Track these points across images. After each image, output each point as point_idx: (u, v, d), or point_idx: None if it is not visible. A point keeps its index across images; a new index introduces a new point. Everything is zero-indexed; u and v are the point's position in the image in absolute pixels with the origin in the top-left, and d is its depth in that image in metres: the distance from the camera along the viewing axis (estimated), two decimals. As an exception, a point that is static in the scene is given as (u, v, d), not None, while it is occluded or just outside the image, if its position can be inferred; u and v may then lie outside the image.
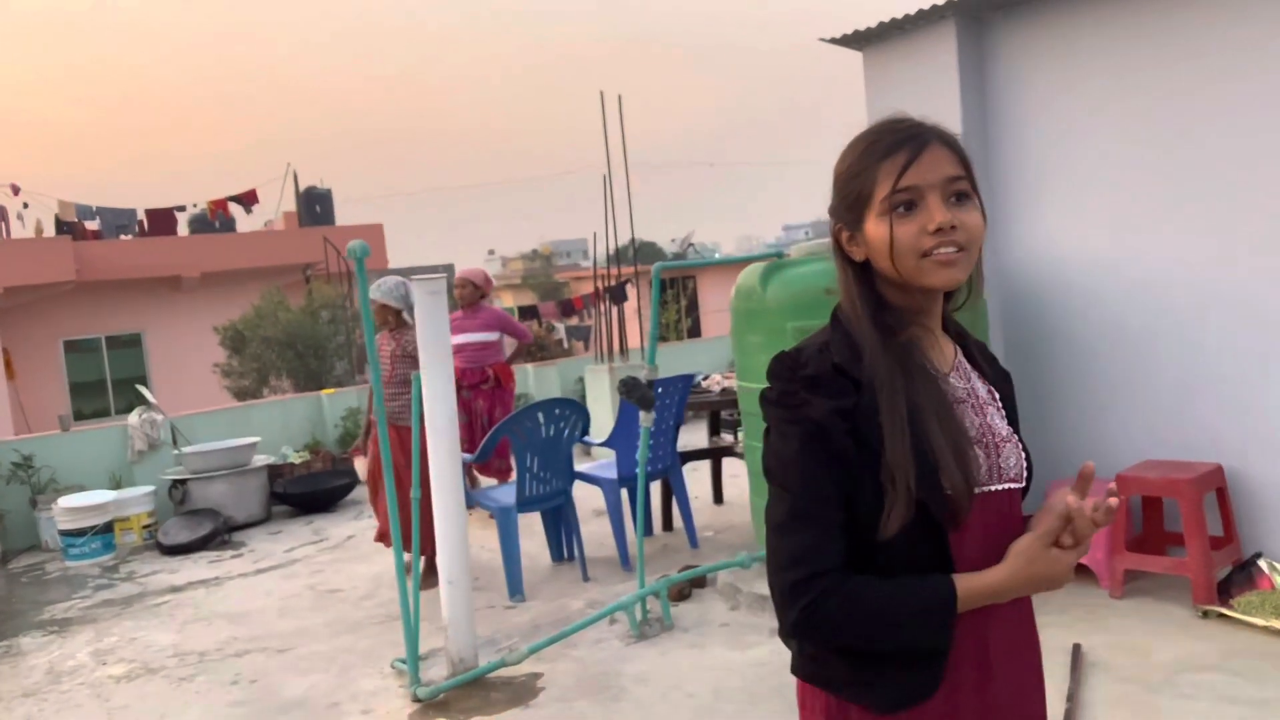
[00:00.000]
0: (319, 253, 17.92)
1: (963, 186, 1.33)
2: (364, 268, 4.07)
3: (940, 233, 1.30)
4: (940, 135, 1.35)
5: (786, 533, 1.31)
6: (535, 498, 5.46)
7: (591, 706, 3.88)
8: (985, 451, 1.36)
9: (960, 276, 1.33)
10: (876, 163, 1.33)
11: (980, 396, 1.42)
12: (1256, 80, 4.22)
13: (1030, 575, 1.30)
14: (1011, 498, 1.39)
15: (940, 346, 1.42)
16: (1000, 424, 1.41)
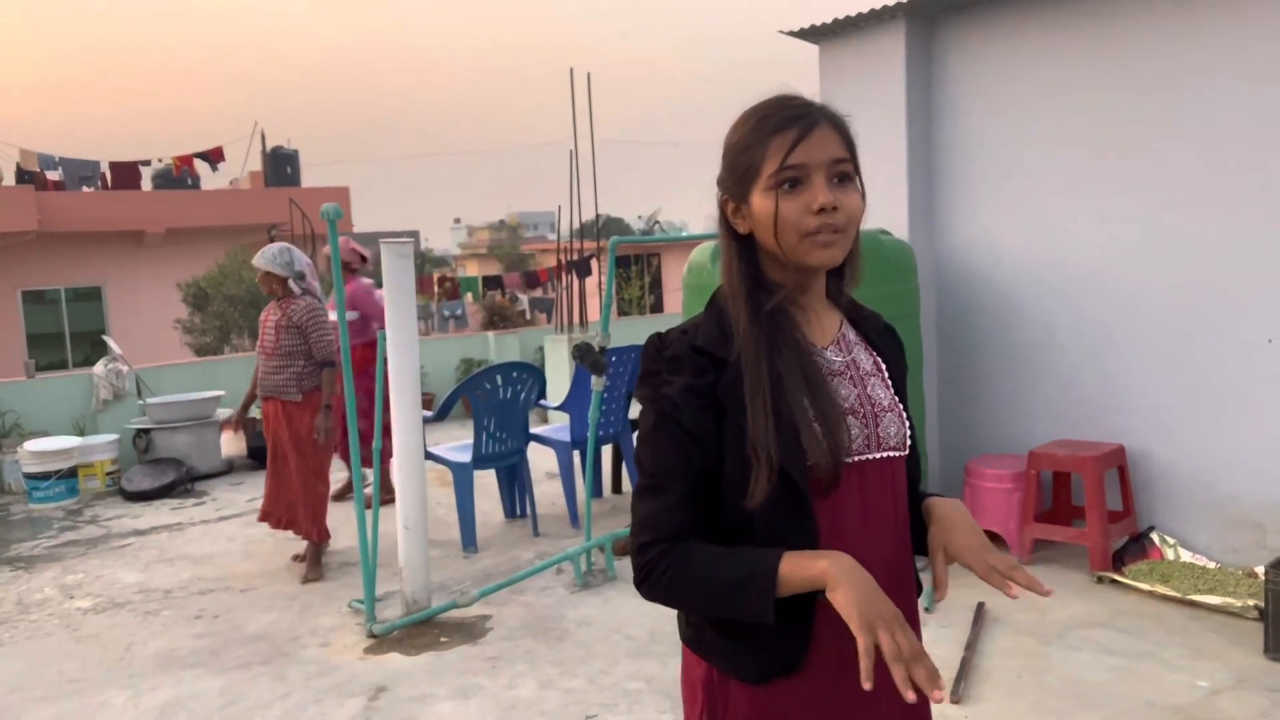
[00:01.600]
0: (284, 213, 17.95)
1: (846, 168, 1.36)
2: (336, 230, 4.30)
3: (823, 213, 1.33)
4: (829, 116, 1.38)
5: (638, 500, 1.40)
6: (491, 456, 5.74)
7: (537, 644, 4.18)
8: (863, 421, 1.41)
9: (838, 257, 1.37)
10: (766, 137, 1.36)
11: (863, 368, 1.46)
12: (1182, 89, 4.57)
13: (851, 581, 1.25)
14: (892, 465, 1.44)
15: (820, 321, 1.46)
16: (882, 394, 1.45)
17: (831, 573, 1.27)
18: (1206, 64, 4.44)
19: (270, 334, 5.21)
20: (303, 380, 5.16)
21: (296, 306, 5.17)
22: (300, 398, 5.15)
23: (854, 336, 1.50)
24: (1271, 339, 4.28)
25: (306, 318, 5.16)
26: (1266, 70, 4.25)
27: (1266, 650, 3.63)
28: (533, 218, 72.80)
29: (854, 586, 1.25)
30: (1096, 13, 4.81)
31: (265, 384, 5.21)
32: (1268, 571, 3.64)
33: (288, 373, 5.17)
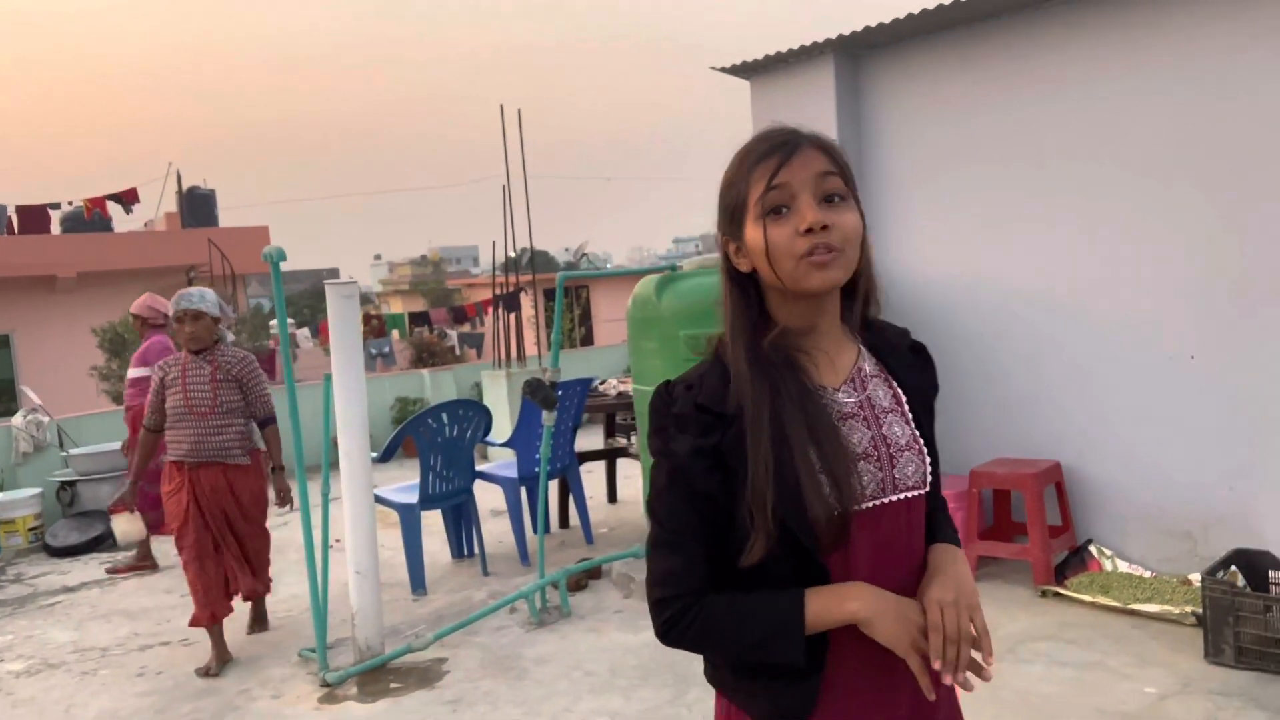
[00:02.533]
0: (203, 254, 17.56)
1: (834, 185, 1.32)
2: (280, 272, 4.24)
3: (811, 233, 1.29)
4: (814, 139, 1.36)
5: (653, 555, 1.39)
6: (438, 495, 5.68)
7: (496, 685, 4.14)
8: (877, 465, 1.36)
9: (837, 277, 1.32)
10: (750, 168, 1.34)
11: (879, 405, 1.40)
12: (1097, 116, 4.79)
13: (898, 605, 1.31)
14: (910, 505, 1.39)
15: (832, 359, 1.40)
16: (900, 431, 1.40)
17: (862, 616, 1.30)
18: (1120, 92, 4.67)
19: (204, 390, 4.60)
20: (244, 440, 4.70)
21: (231, 357, 4.69)
22: (248, 460, 4.70)
23: (871, 368, 1.44)
24: (1194, 355, 4.49)
25: (245, 369, 4.70)
26: (1176, 97, 4.49)
27: (1207, 655, 3.78)
28: (455, 252, 72.45)
29: (885, 618, 1.30)
30: (1011, 46, 5.02)
31: (201, 449, 4.57)
32: (1204, 579, 3.80)
33: (230, 433, 4.63)
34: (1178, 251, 4.54)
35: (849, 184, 1.34)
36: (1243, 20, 4.25)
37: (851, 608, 1.30)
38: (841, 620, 1.31)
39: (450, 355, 18.71)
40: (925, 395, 1.48)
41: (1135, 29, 4.60)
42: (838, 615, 1.31)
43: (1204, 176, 4.42)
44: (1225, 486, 4.43)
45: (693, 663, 4.17)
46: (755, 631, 1.32)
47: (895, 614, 1.30)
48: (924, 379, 1.50)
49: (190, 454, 4.59)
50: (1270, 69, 4.19)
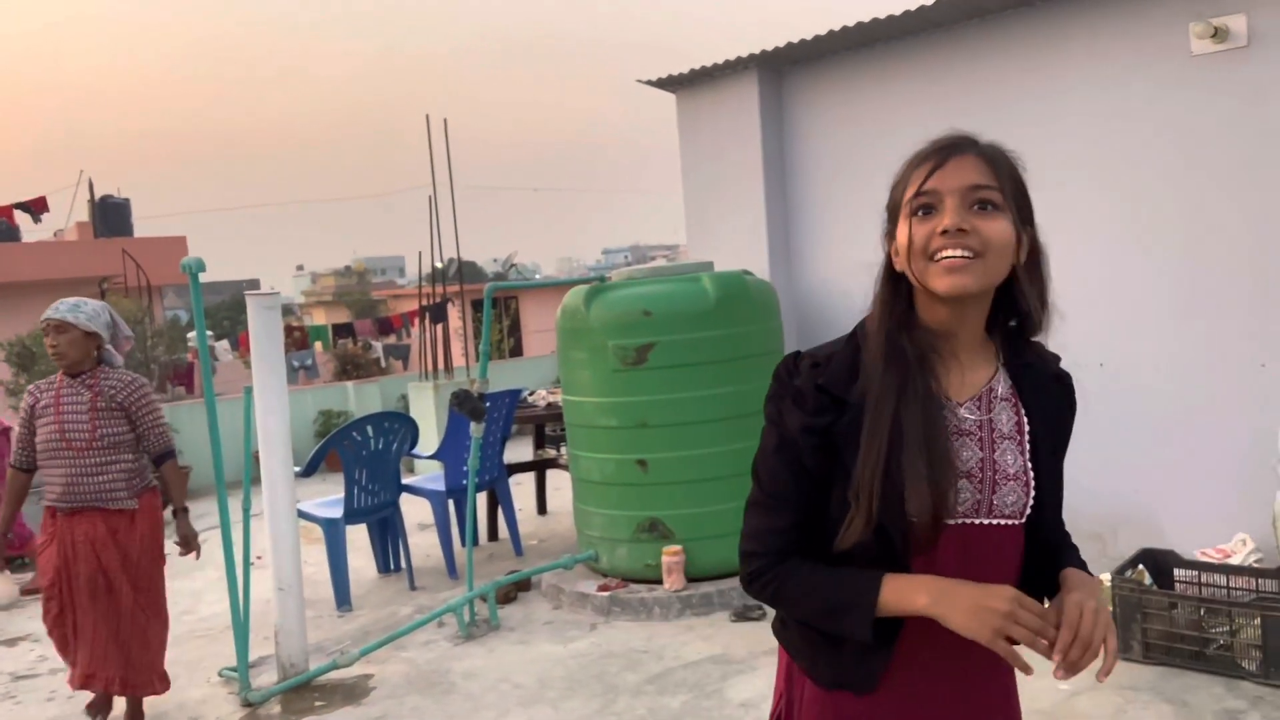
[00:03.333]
0: (117, 265, 17.07)
1: (987, 195, 1.32)
2: (198, 282, 4.16)
3: (947, 235, 1.30)
4: (978, 146, 1.36)
5: (749, 512, 1.46)
6: (363, 509, 5.60)
7: (423, 700, 4.10)
8: (977, 486, 1.37)
9: (967, 283, 1.30)
10: (910, 170, 1.38)
11: (999, 430, 1.40)
12: (1007, 131, 4.95)
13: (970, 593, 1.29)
14: (1002, 533, 1.40)
15: (964, 372, 1.41)
16: (1012, 460, 1.39)
17: (934, 611, 1.30)
18: (1028, 107, 4.84)
19: (81, 420, 3.78)
20: (133, 480, 3.86)
21: (115, 381, 3.85)
22: (135, 504, 3.85)
23: (1004, 390, 1.43)
24: (1102, 363, 4.67)
25: (132, 396, 3.85)
26: (1076, 115, 4.67)
27: (1116, 651, 3.93)
28: (380, 263, 71.45)
29: (960, 611, 1.28)
30: (928, 64, 5.18)
31: (76, 491, 3.77)
32: (1114, 578, 3.95)
33: (113, 472, 3.80)
34: (1085, 262, 4.71)
35: (1011, 197, 1.35)
36: (1137, 44, 4.45)
37: (921, 601, 1.31)
38: (912, 611, 1.32)
39: (375, 367, 18.43)
40: (1059, 428, 1.47)
41: (1037, 52, 4.78)
42: (909, 605, 1.32)
43: (1105, 188, 4.62)
44: (1132, 489, 4.62)
45: (621, 673, 4.19)
46: (830, 600, 1.37)
47: (971, 606, 1.28)
48: (1060, 411, 1.48)
49: (63, 498, 3.78)
50: (1163, 87, 4.39)
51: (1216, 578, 3.93)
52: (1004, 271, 1.34)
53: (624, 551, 5.05)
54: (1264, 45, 4.10)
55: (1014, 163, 1.39)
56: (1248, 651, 3.64)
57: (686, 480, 4.84)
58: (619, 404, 4.95)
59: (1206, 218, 4.35)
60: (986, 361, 1.43)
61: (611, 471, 5.04)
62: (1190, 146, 4.37)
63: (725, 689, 3.95)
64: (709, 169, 6.08)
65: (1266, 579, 3.83)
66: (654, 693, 3.97)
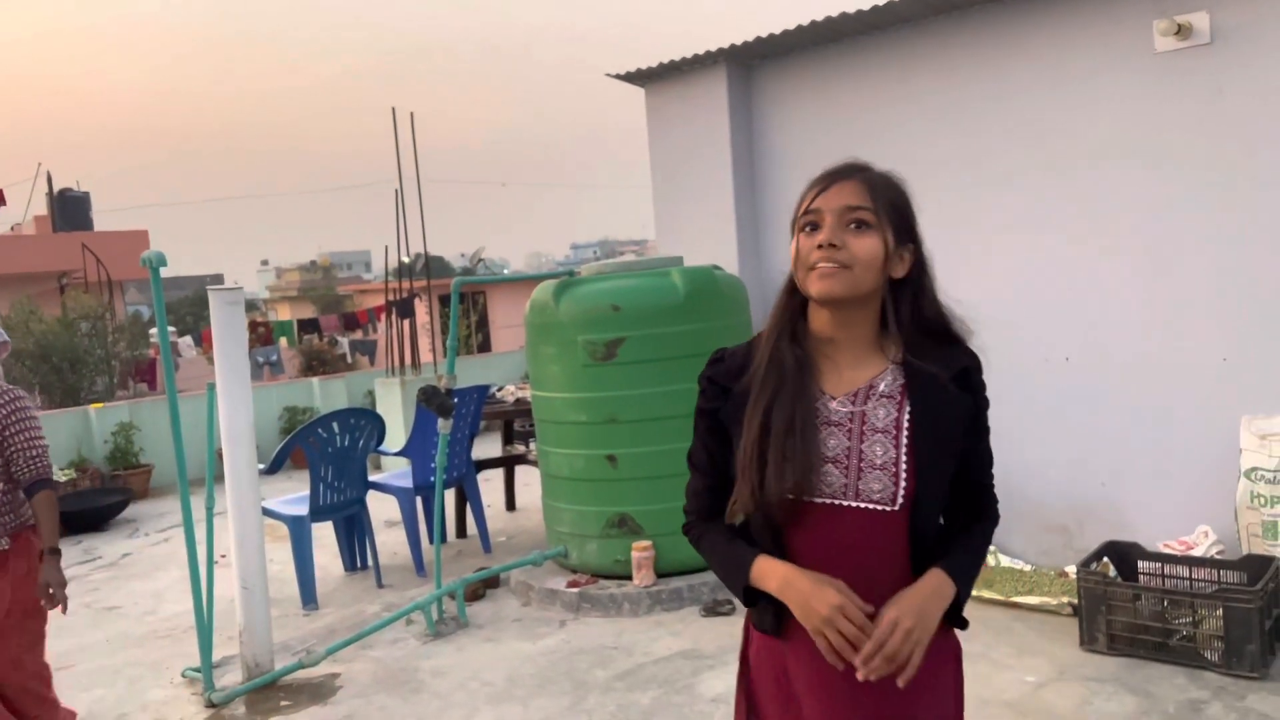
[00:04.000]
0: (76, 260, 16.76)
1: (861, 216, 1.54)
2: (159, 277, 4.08)
3: (822, 248, 1.53)
4: (863, 174, 1.59)
5: (690, 475, 1.76)
6: (329, 507, 5.54)
7: (391, 699, 4.06)
8: (844, 471, 1.55)
9: (834, 289, 1.53)
10: (806, 191, 1.62)
11: (871, 423, 1.56)
12: (976, 126, 4.98)
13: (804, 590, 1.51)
14: (870, 517, 1.55)
15: (845, 371, 1.60)
16: (880, 451, 1.55)
17: (780, 597, 1.56)
18: (993, 104, 4.87)
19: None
20: (4, 514, 3.18)
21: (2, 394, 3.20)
22: (7, 545, 3.17)
23: (889, 388, 1.58)
24: (1068, 357, 4.71)
25: (4, 411, 3.18)
26: (1039, 111, 4.70)
27: (1082, 643, 3.97)
28: (346, 257, 70.75)
29: (794, 604, 1.54)
30: (897, 59, 5.19)
31: None
32: (1080, 571, 3.99)
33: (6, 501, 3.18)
34: (1051, 258, 4.75)
35: (886, 218, 1.56)
36: (1101, 41, 4.49)
37: (772, 586, 1.57)
38: (769, 589, 1.58)
39: (342, 363, 18.27)
40: (950, 425, 1.59)
41: (1002, 47, 4.81)
42: (765, 587, 1.58)
43: (1069, 183, 4.65)
44: (1097, 482, 4.66)
45: (591, 669, 4.17)
46: (721, 568, 1.68)
47: (801, 601, 1.52)
48: (955, 409, 1.59)
49: None
50: (1127, 84, 4.43)
51: (1179, 569, 3.98)
52: (872, 282, 1.55)
53: (593, 547, 5.03)
54: (1226, 42, 4.15)
55: (896, 189, 1.61)
56: (1210, 642, 3.69)
57: (656, 475, 4.82)
58: (588, 399, 4.93)
59: (1170, 213, 4.39)
60: (873, 362, 1.61)
61: (581, 467, 5.01)
62: (1154, 143, 4.41)
63: (696, 684, 3.94)
64: (678, 164, 6.06)
65: (1228, 570, 3.88)
66: (624, 689, 3.96)
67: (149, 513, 8.26)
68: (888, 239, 1.55)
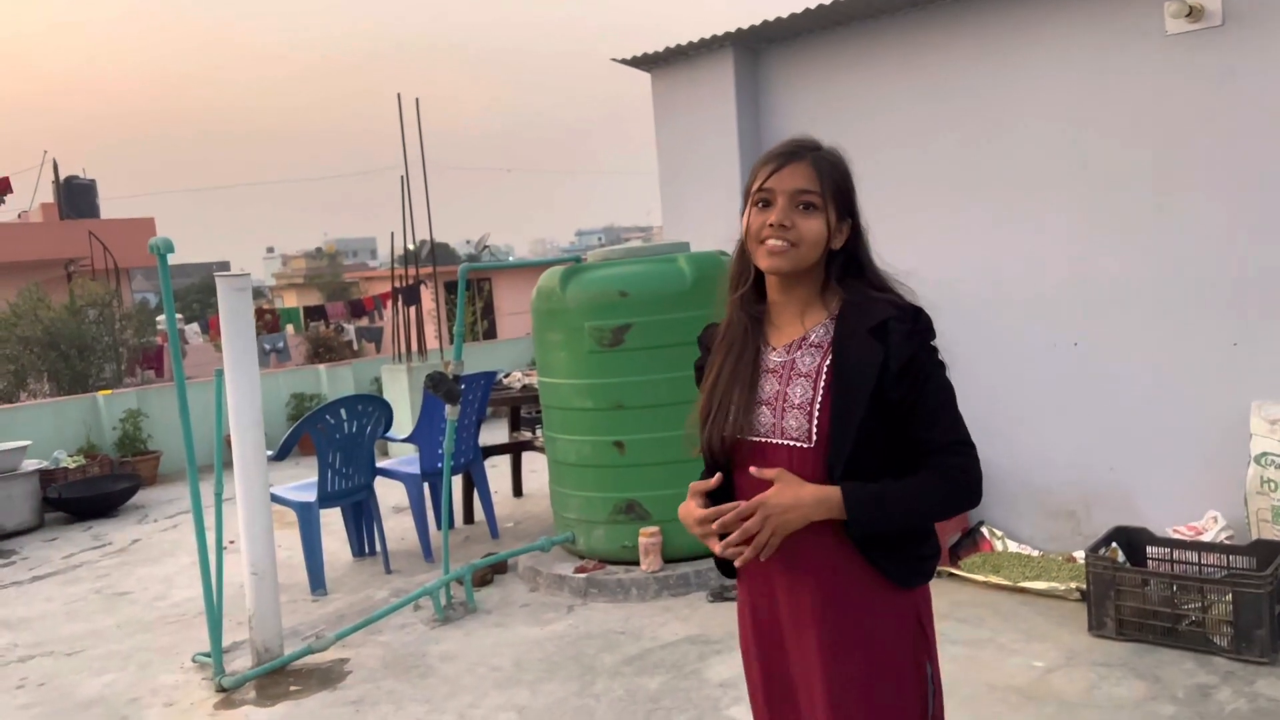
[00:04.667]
0: (83, 247, 16.79)
1: (810, 199, 1.70)
2: (166, 264, 4.08)
3: (773, 227, 1.69)
4: (814, 155, 1.74)
5: None
6: (337, 493, 5.55)
7: (400, 684, 4.07)
8: (773, 411, 1.74)
9: (782, 265, 1.71)
10: (758, 167, 1.76)
11: (799, 369, 1.74)
12: (985, 113, 4.95)
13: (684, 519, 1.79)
14: (789, 453, 1.71)
15: (784, 324, 1.78)
16: (799, 393, 1.72)
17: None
18: (1003, 87, 4.84)
19: None
20: None
21: None
22: None
23: (819, 339, 1.75)
24: (1077, 342, 4.69)
25: None
26: (1050, 96, 4.67)
27: (1091, 628, 3.97)
28: (351, 244, 70.68)
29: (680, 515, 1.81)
30: (904, 43, 5.16)
31: None
32: (1088, 556, 3.98)
33: None
34: (1060, 243, 4.73)
35: (831, 198, 1.72)
36: (1110, 24, 4.45)
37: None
38: None
39: (348, 350, 18.29)
40: (863, 369, 1.68)
41: (1010, 30, 4.77)
42: None
43: (1079, 167, 4.62)
44: (1106, 467, 4.65)
45: (599, 654, 4.18)
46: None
47: (683, 513, 1.79)
48: (868, 355, 1.68)
49: None
50: (1137, 67, 4.40)
51: (1188, 555, 3.97)
52: (815, 256, 1.72)
53: (601, 533, 5.04)
54: (1238, 25, 4.11)
55: (841, 170, 1.76)
56: (1219, 627, 3.69)
57: (663, 461, 4.82)
58: (595, 385, 4.93)
59: (1180, 197, 4.36)
60: (814, 316, 1.77)
61: (588, 453, 5.01)
62: (1164, 125, 4.37)
63: (703, 669, 3.95)
64: (684, 149, 6.03)
65: (1237, 555, 3.87)
66: (632, 674, 3.97)
67: (158, 499, 8.29)
68: (830, 219, 1.72)
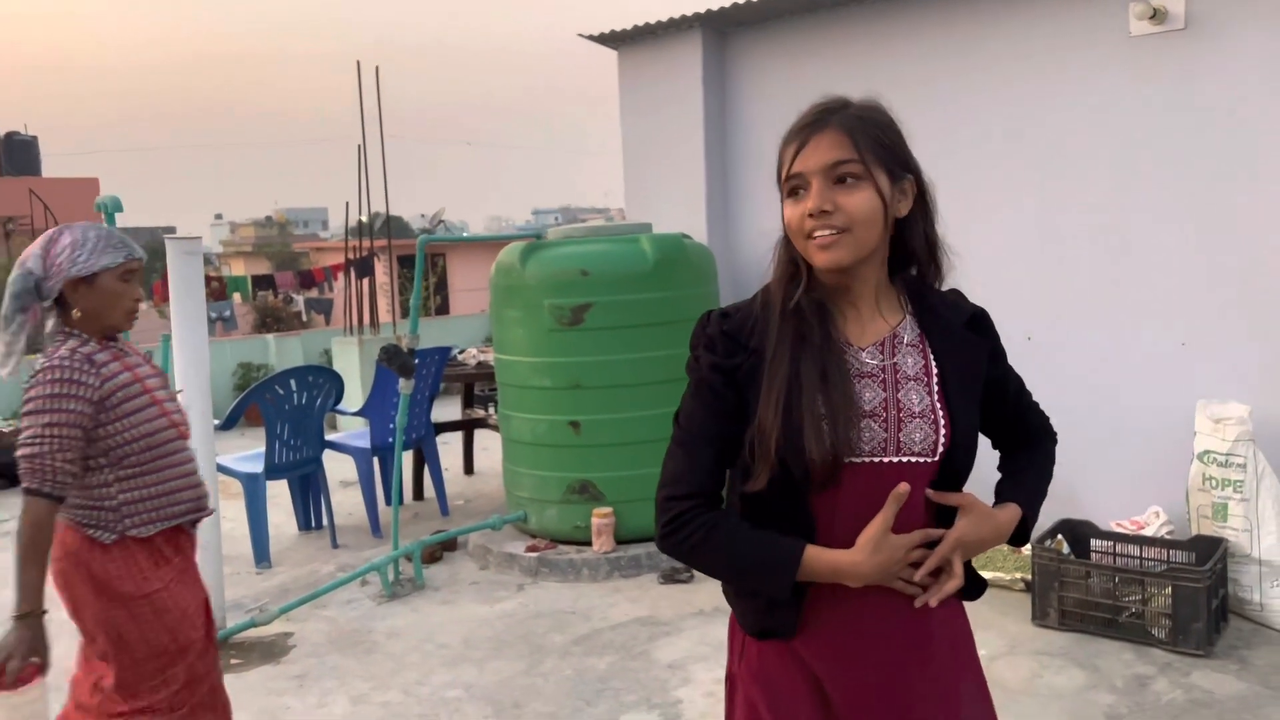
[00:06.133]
0: (23, 206, 16.32)
1: (848, 169, 1.40)
2: (115, 224, 3.96)
3: (814, 216, 1.39)
4: (840, 119, 1.43)
5: (669, 460, 1.51)
6: (285, 465, 5.45)
7: (345, 660, 4.02)
8: (883, 425, 1.43)
9: (840, 257, 1.40)
10: (782, 149, 1.46)
11: (904, 372, 1.46)
12: (951, 101, 4.98)
13: (877, 563, 1.40)
14: (911, 471, 1.43)
15: (864, 320, 1.48)
16: (917, 399, 1.45)
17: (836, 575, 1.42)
18: (966, 80, 4.87)
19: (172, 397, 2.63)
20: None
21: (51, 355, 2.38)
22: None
23: (912, 337, 1.50)
24: (1030, 336, 4.75)
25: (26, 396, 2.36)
26: (1019, 86, 4.72)
27: (1034, 618, 4.04)
28: (302, 214, 69.48)
29: (865, 573, 1.41)
30: (870, 33, 5.16)
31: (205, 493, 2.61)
32: (1034, 547, 4.05)
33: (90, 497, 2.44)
34: (1012, 237, 4.78)
35: (877, 161, 1.41)
36: (1077, 22, 4.50)
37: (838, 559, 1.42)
38: (830, 572, 1.42)
39: (296, 321, 18.01)
40: (972, 370, 1.52)
41: (976, 24, 4.81)
42: (827, 564, 1.42)
43: (1038, 162, 4.67)
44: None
45: (548, 633, 4.16)
46: (752, 560, 1.44)
47: (874, 568, 1.41)
48: (974, 353, 1.53)
49: (196, 506, 2.56)
50: (1101, 67, 4.45)
51: (1131, 548, 4.05)
52: (878, 236, 1.43)
53: (554, 513, 5.01)
54: (1200, 28, 4.17)
55: (879, 122, 1.46)
56: (1158, 619, 3.77)
57: (619, 443, 4.81)
58: (553, 364, 4.89)
59: (1136, 197, 4.43)
60: (891, 310, 1.51)
61: (543, 432, 4.98)
62: (1123, 126, 4.43)
63: (652, 650, 3.95)
64: (649, 129, 5.99)
65: (1178, 550, 3.96)
66: (581, 654, 3.96)
67: (96, 466, 8.08)
68: (882, 186, 1.41)
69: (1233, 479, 3.93)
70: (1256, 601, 3.90)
